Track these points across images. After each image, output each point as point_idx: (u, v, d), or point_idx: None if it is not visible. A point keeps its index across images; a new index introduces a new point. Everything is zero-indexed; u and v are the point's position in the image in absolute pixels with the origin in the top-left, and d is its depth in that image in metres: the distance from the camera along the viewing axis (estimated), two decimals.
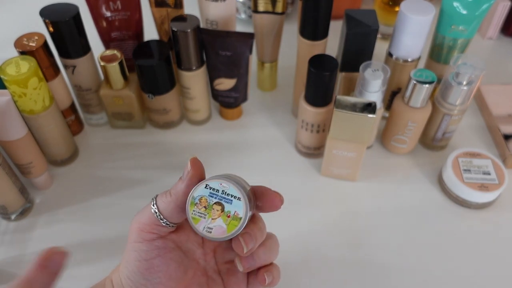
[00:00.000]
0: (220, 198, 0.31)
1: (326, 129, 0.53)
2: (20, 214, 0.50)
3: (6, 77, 0.45)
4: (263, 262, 0.35)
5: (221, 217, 0.31)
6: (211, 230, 0.31)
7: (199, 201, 0.31)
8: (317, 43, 0.52)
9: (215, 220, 0.31)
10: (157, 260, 0.33)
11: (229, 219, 0.31)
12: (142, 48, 0.54)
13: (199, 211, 0.31)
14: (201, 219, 0.31)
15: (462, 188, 0.50)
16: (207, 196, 0.31)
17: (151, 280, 0.33)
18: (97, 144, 0.59)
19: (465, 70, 0.48)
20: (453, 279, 0.46)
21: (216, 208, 0.31)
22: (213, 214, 0.31)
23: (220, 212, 0.31)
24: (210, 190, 0.31)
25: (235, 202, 0.31)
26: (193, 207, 0.31)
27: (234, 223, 0.31)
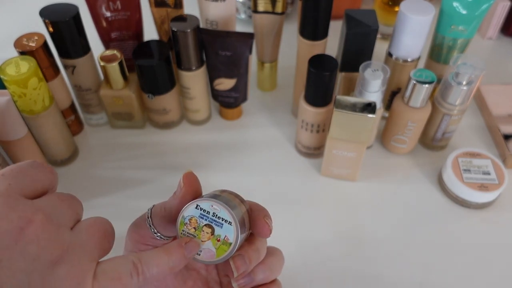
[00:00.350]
0: (210, 221, 0.29)
1: (326, 129, 0.53)
2: None
3: (6, 77, 0.45)
4: (262, 280, 0.33)
5: (211, 240, 0.29)
6: (200, 253, 0.30)
7: (189, 221, 0.30)
8: (317, 43, 0.52)
9: (204, 242, 0.29)
10: None
11: (219, 243, 0.29)
12: (142, 48, 0.54)
13: (189, 232, 0.30)
14: None
15: (462, 188, 0.50)
16: (197, 217, 0.29)
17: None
18: (97, 144, 0.59)
19: (465, 70, 0.48)
20: (453, 279, 0.46)
21: (206, 231, 0.29)
22: (202, 236, 0.29)
23: (210, 235, 0.29)
24: (200, 211, 0.29)
25: (226, 226, 0.29)
26: (182, 226, 0.30)
27: (223, 248, 0.29)
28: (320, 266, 0.47)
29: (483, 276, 0.46)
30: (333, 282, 0.46)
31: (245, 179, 0.55)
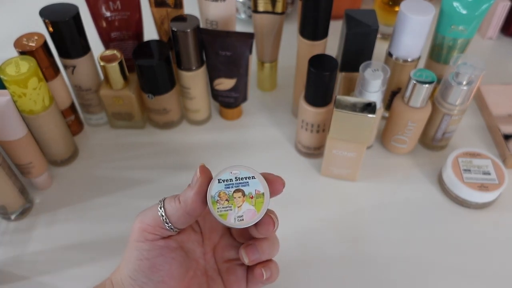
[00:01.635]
0: (237, 185, 0.31)
1: (326, 129, 0.53)
2: (20, 214, 0.50)
3: (6, 77, 0.45)
4: (267, 256, 0.35)
5: (246, 201, 0.31)
6: (242, 218, 0.31)
7: (219, 197, 0.31)
8: (317, 43, 0.52)
9: (241, 207, 0.31)
10: (159, 259, 0.34)
11: (253, 200, 0.31)
12: (142, 48, 0.54)
13: (223, 206, 0.31)
14: (228, 212, 0.31)
15: (462, 188, 0.50)
16: (224, 189, 0.31)
17: (153, 279, 0.33)
18: (97, 144, 0.59)
19: (465, 70, 0.48)
20: (453, 279, 0.46)
21: (237, 196, 0.31)
22: (237, 202, 0.31)
23: (243, 198, 0.31)
24: (224, 183, 0.31)
25: (251, 182, 0.31)
26: (216, 205, 0.31)
27: (260, 201, 0.31)
28: (320, 266, 0.47)
29: (483, 276, 0.46)
30: (333, 282, 0.46)
31: None
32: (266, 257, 0.35)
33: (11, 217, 0.50)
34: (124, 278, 0.34)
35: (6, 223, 0.51)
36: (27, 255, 0.48)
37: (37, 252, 0.48)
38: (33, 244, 0.49)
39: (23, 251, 0.48)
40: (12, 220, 0.51)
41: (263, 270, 0.36)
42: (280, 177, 0.34)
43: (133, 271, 0.33)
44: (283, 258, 0.47)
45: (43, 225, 0.50)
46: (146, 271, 0.33)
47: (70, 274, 0.46)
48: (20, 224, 0.51)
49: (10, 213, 0.50)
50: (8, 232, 0.50)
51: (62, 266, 0.47)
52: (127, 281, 0.34)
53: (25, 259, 0.47)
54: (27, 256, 0.48)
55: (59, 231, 0.50)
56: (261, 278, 0.36)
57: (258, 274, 0.36)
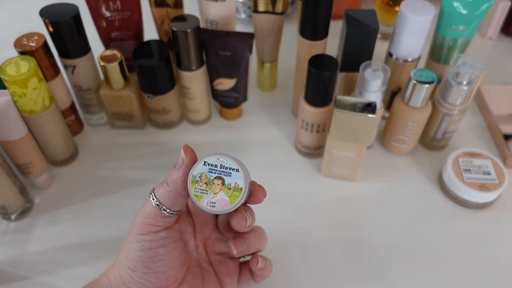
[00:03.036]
0: (219, 173, 0.32)
1: (326, 129, 0.53)
2: (20, 214, 0.50)
3: (6, 77, 0.45)
4: (254, 248, 0.36)
5: (223, 190, 0.32)
6: (215, 204, 0.32)
7: (200, 178, 0.32)
8: (317, 43, 0.52)
9: (217, 194, 0.32)
10: (161, 250, 0.34)
11: (230, 191, 0.32)
12: (142, 48, 0.54)
13: (201, 188, 0.32)
14: (203, 195, 0.32)
15: (462, 188, 0.50)
16: (207, 172, 0.32)
17: (153, 268, 0.34)
18: (97, 144, 0.59)
19: (465, 70, 0.48)
20: (453, 279, 0.46)
21: (217, 183, 0.32)
22: (214, 188, 0.32)
23: (221, 186, 0.32)
24: (208, 166, 0.32)
25: (234, 174, 0.32)
26: (194, 185, 0.32)
27: (236, 194, 0.32)
28: (320, 266, 0.47)
29: (483, 276, 0.46)
30: (333, 282, 0.46)
31: None
32: (253, 250, 0.37)
33: (11, 217, 0.50)
34: (122, 270, 0.34)
35: (6, 223, 0.51)
36: (27, 255, 0.48)
37: (37, 252, 0.48)
38: (33, 244, 0.49)
39: (23, 251, 0.48)
40: (12, 220, 0.51)
41: (260, 259, 0.37)
42: (262, 187, 0.35)
43: (133, 262, 0.34)
44: (282, 258, 0.47)
45: (43, 225, 0.50)
46: (147, 261, 0.34)
47: (70, 274, 0.46)
48: (20, 224, 0.51)
49: (10, 213, 0.50)
50: (8, 232, 0.50)
51: (62, 266, 0.47)
52: (125, 273, 0.34)
53: (25, 259, 0.47)
54: (27, 256, 0.48)
55: (59, 231, 0.50)
56: (256, 265, 0.37)
57: (254, 261, 0.37)
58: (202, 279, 0.38)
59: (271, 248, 0.42)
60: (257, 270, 0.37)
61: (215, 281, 0.38)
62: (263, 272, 0.38)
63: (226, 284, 0.39)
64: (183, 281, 0.37)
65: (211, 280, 0.38)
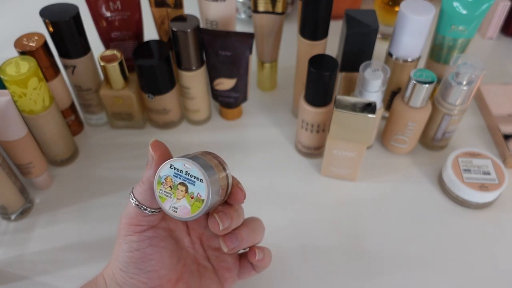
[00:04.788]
0: (184, 179, 0.31)
1: (326, 129, 0.53)
2: (20, 214, 0.50)
3: (6, 77, 0.45)
4: (247, 243, 0.36)
5: (185, 198, 0.31)
6: (177, 210, 0.31)
7: (165, 181, 0.31)
8: (317, 43, 0.52)
9: (180, 200, 0.31)
10: (149, 249, 0.34)
11: (192, 200, 0.31)
12: (142, 48, 0.54)
13: (165, 191, 0.31)
14: (167, 198, 0.31)
15: (462, 188, 0.50)
16: (172, 176, 0.31)
17: (143, 268, 0.34)
18: (97, 144, 0.59)
19: (465, 70, 0.48)
20: (453, 279, 0.46)
21: (181, 189, 0.31)
22: (178, 194, 0.31)
23: (184, 193, 0.31)
24: (174, 170, 0.31)
25: (198, 183, 0.30)
26: (160, 186, 0.31)
27: (197, 205, 0.31)
28: (320, 266, 0.47)
29: (483, 276, 0.46)
30: (333, 282, 0.46)
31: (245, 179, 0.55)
32: (246, 244, 0.36)
33: (11, 217, 0.50)
34: (115, 271, 0.35)
35: (6, 223, 0.51)
36: (27, 255, 0.48)
37: (37, 252, 0.48)
38: (33, 244, 0.49)
39: (23, 251, 0.48)
40: (12, 220, 0.51)
41: (257, 250, 0.37)
42: (242, 190, 0.34)
43: (123, 263, 0.34)
44: (283, 258, 0.47)
45: (43, 225, 0.50)
46: (137, 262, 0.34)
47: (70, 274, 0.46)
48: (20, 224, 0.51)
49: (10, 213, 0.50)
50: (8, 232, 0.50)
51: (62, 266, 0.47)
52: (118, 274, 0.34)
53: (25, 259, 0.47)
54: (27, 256, 0.48)
55: (59, 231, 0.50)
56: (254, 258, 0.37)
57: (252, 254, 0.37)
58: (200, 276, 0.38)
59: (270, 248, 0.42)
60: (256, 262, 0.37)
61: (213, 277, 0.38)
62: (262, 263, 0.38)
63: (226, 279, 0.38)
64: (180, 279, 0.36)
65: (210, 276, 0.38)
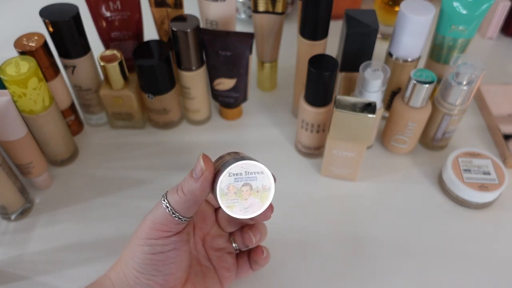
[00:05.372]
0: (246, 180, 0.32)
1: (326, 129, 0.53)
2: (20, 214, 0.50)
3: (6, 77, 0.45)
4: (263, 238, 0.39)
5: (252, 195, 0.33)
6: (248, 210, 0.33)
7: (228, 190, 0.32)
8: (317, 43, 0.52)
9: (248, 199, 0.33)
10: (172, 253, 0.34)
11: (259, 193, 0.33)
12: (142, 48, 0.54)
13: (231, 199, 0.32)
14: (235, 205, 0.33)
15: (462, 188, 0.50)
16: (233, 183, 0.32)
17: (163, 271, 0.34)
18: (97, 144, 0.59)
19: (465, 70, 0.48)
20: (453, 279, 0.46)
21: (245, 189, 0.33)
22: (244, 195, 0.33)
23: (250, 191, 0.33)
24: (234, 176, 0.32)
25: (260, 176, 0.33)
26: (224, 197, 0.32)
27: (265, 195, 0.33)
28: (320, 266, 0.47)
29: (483, 276, 0.46)
30: (332, 282, 0.46)
31: None
32: (263, 240, 0.39)
33: (11, 217, 0.50)
34: (127, 271, 0.34)
35: (6, 223, 0.51)
36: (27, 255, 0.48)
37: (37, 252, 0.48)
38: (33, 244, 0.49)
39: (23, 251, 0.48)
40: (12, 220, 0.51)
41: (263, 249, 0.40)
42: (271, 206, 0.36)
43: (141, 265, 0.34)
44: (282, 257, 0.47)
45: (43, 225, 0.50)
46: (157, 264, 0.34)
47: (70, 274, 0.46)
48: (20, 224, 0.51)
49: (10, 213, 0.50)
50: (8, 232, 0.50)
51: (62, 266, 0.47)
52: (131, 274, 0.34)
53: (25, 259, 0.47)
54: (27, 256, 0.48)
55: (59, 231, 0.50)
56: (261, 256, 0.39)
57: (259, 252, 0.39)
58: (203, 276, 0.38)
59: (271, 247, 0.42)
60: (261, 260, 0.39)
61: (214, 277, 0.39)
62: (264, 261, 0.40)
63: (225, 278, 0.39)
64: (188, 280, 0.37)
65: (211, 276, 0.39)
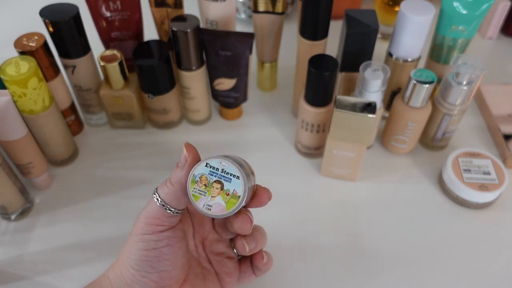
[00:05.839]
0: (219, 177, 0.32)
1: (326, 129, 0.53)
2: (20, 214, 0.50)
3: (6, 77, 0.45)
4: (260, 245, 0.38)
5: (221, 195, 0.32)
6: (211, 208, 0.32)
7: (200, 179, 0.32)
8: (317, 43, 0.52)
9: (215, 198, 0.32)
10: (166, 249, 0.34)
11: (228, 197, 0.32)
12: (142, 48, 0.54)
13: (199, 189, 0.32)
14: (201, 196, 0.32)
15: (462, 188, 0.50)
16: (207, 174, 0.32)
17: (157, 268, 0.34)
18: (97, 144, 0.59)
19: (465, 70, 0.48)
20: (453, 279, 0.46)
21: (216, 186, 0.32)
22: (212, 192, 0.32)
23: (220, 190, 0.32)
24: (210, 168, 0.32)
25: (234, 180, 0.31)
26: (193, 184, 0.32)
27: (233, 201, 0.32)
28: (320, 266, 0.47)
29: (483, 276, 0.46)
30: (332, 282, 0.46)
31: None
32: (260, 247, 0.38)
33: (11, 217, 0.50)
34: (124, 270, 0.34)
35: (6, 223, 0.51)
36: (27, 255, 0.48)
37: (37, 252, 0.48)
38: (33, 244, 0.49)
39: (23, 251, 0.48)
40: (12, 220, 0.51)
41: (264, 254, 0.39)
42: (268, 190, 0.35)
43: (137, 261, 0.34)
44: (282, 258, 0.47)
45: (43, 225, 0.50)
46: (152, 261, 0.34)
47: (70, 274, 0.46)
48: (20, 224, 0.51)
49: (10, 213, 0.50)
50: (8, 232, 0.50)
51: (62, 266, 0.47)
52: (128, 272, 0.34)
53: (25, 259, 0.47)
54: (27, 256, 0.48)
55: (59, 231, 0.50)
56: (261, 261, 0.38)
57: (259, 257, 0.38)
58: (204, 278, 0.38)
59: (270, 247, 0.42)
60: (262, 265, 0.38)
61: (215, 280, 0.39)
62: (266, 266, 0.39)
63: (227, 283, 0.39)
64: (186, 280, 0.37)
65: (212, 279, 0.39)
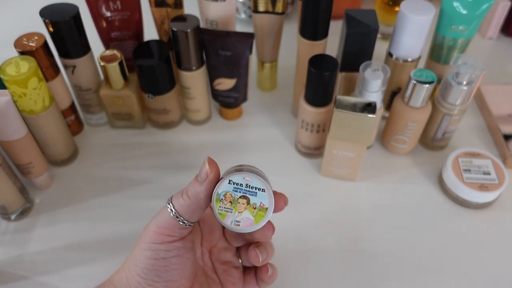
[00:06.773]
0: (244, 192, 0.32)
1: (326, 129, 0.53)
2: (20, 214, 0.50)
3: (6, 77, 0.45)
4: (270, 256, 0.38)
5: (248, 210, 0.32)
6: (239, 223, 0.32)
7: (224, 197, 0.32)
8: (317, 43, 0.52)
9: (242, 213, 0.32)
10: (175, 259, 0.34)
11: (255, 211, 0.32)
12: (142, 48, 0.54)
13: (225, 207, 0.32)
14: (227, 213, 0.32)
15: (462, 188, 0.50)
16: (232, 191, 0.32)
17: (165, 277, 0.34)
18: (97, 144, 0.59)
19: (465, 70, 0.48)
20: (453, 279, 0.46)
21: (242, 202, 0.32)
22: (239, 207, 0.32)
23: (246, 205, 0.32)
24: (234, 185, 0.32)
25: (260, 193, 0.32)
26: (218, 203, 0.32)
27: (261, 214, 0.32)
28: (320, 266, 0.47)
29: (483, 276, 0.46)
30: (333, 282, 0.46)
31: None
32: (270, 258, 0.37)
33: (11, 217, 0.50)
34: (130, 276, 0.34)
35: (6, 223, 0.51)
36: (27, 255, 0.48)
37: (37, 252, 0.48)
38: (33, 244, 0.49)
39: (23, 251, 0.48)
40: (12, 220, 0.51)
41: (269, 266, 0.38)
42: (284, 196, 0.34)
43: (144, 270, 0.33)
44: (283, 258, 0.47)
45: (43, 225, 0.50)
46: (160, 270, 0.33)
47: (70, 274, 0.46)
48: (20, 224, 0.51)
49: (10, 213, 0.50)
50: (8, 232, 0.50)
51: (62, 266, 0.47)
52: (134, 279, 0.34)
53: (25, 259, 0.47)
54: (27, 256, 0.48)
55: (59, 231, 0.50)
56: (266, 274, 0.37)
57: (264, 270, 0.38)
58: (209, 287, 0.38)
59: None
60: (266, 277, 0.38)
61: None
62: (271, 279, 0.38)
63: None
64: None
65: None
